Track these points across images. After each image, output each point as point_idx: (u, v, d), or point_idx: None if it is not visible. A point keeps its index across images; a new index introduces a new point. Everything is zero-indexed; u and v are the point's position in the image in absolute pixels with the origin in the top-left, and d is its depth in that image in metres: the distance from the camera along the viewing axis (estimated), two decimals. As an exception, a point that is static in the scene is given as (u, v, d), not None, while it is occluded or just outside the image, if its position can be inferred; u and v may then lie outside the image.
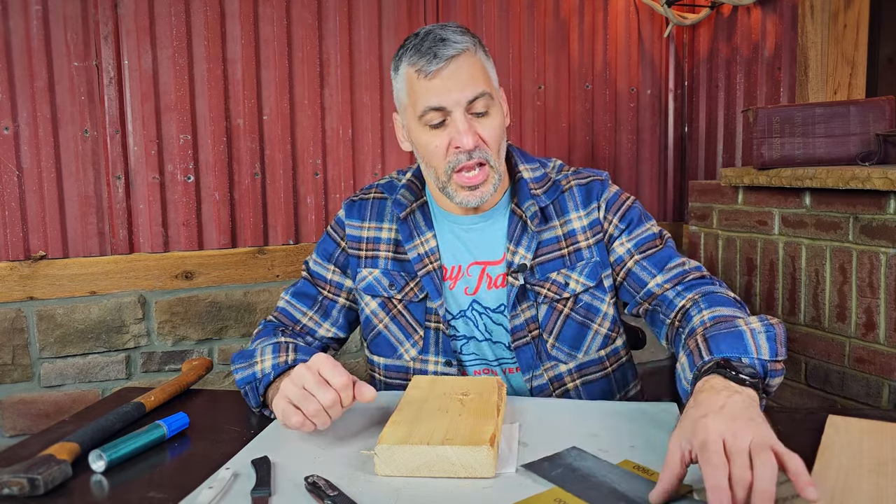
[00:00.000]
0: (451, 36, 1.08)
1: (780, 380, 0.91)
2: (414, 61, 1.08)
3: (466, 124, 1.08)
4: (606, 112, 2.37)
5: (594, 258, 1.18)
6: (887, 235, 1.56)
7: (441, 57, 1.06)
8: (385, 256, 1.23)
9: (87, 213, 1.84)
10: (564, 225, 1.19)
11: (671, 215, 2.51)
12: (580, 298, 1.18)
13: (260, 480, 0.81)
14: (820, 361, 1.76)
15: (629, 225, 1.19)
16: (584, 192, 1.21)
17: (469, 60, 1.09)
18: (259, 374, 1.05)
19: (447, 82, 1.07)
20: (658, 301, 1.13)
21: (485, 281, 1.19)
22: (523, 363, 1.18)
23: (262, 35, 1.96)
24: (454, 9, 2.15)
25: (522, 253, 1.16)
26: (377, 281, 1.22)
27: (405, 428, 0.87)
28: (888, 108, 1.72)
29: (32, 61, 1.75)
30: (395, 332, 1.22)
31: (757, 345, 0.89)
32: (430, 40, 1.08)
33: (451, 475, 0.81)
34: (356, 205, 1.28)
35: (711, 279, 1.12)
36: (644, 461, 0.84)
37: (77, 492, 0.82)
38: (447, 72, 1.07)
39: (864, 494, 0.74)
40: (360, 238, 1.25)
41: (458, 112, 1.08)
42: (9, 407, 1.80)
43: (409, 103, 1.12)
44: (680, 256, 1.17)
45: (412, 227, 1.21)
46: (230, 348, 1.99)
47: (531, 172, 1.22)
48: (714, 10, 2.33)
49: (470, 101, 1.08)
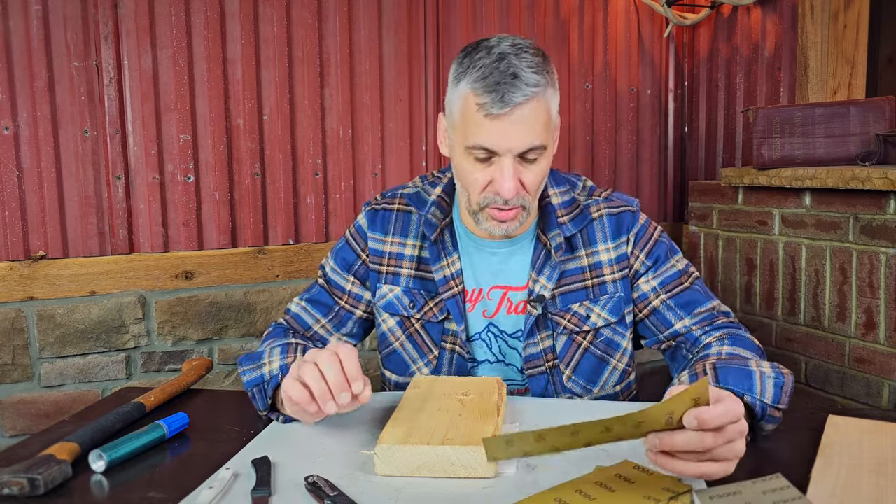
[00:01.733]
0: (525, 74, 0.99)
1: (774, 426, 0.92)
2: (478, 91, 1.00)
3: (512, 171, 1.02)
4: (606, 112, 2.37)
5: (618, 293, 1.16)
6: (887, 235, 1.56)
7: (508, 102, 0.98)
8: (407, 274, 1.19)
9: (87, 213, 1.84)
10: (591, 256, 1.16)
11: (671, 215, 2.51)
12: (601, 333, 1.16)
13: (260, 480, 0.81)
14: (820, 361, 1.76)
15: (656, 262, 1.16)
16: (614, 223, 1.17)
17: (535, 108, 1.00)
18: (267, 377, 1.02)
19: (506, 129, 1.00)
20: (683, 339, 1.13)
21: (505, 305, 1.17)
22: (535, 391, 1.16)
23: (262, 35, 1.96)
24: (454, 9, 2.15)
25: (543, 282, 1.14)
26: (398, 300, 1.19)
27: (405, 428, 0.87)
28: (888, 108, 1.72)
29: (32, 61, 1.75)
30: (409, 350, 1.21)
31: (763, 387, 0.90)
32: (501, 74, 0.99)
33: (451, 475, 0.81)
34: (379, 215, 1.22)
35: (738, 324, 1.12)
36: (646, 462, 0.84)
37: (77, 492, 0.82)
38: (511, 119, 0.99)
39: (864, 494, 0.74)
40: (382, 252, 1.21)
41: (508, 158, 1.02)
42: (9, 407, 1.80)
43: (461, 127, 1.04)
44: (709, 299, 1.14)
45: (440, 248, 1.17)
46: (230, 348, 1.99)
47: (559, 197, 1.18)
48: (714, 10, 2.33)
49: (522, 152, 1.02)
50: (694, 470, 0.74)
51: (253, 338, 2.00)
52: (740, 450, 0.76)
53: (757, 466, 0.83)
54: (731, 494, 0.73)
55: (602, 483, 0.77)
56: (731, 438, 0.74)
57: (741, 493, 0.73)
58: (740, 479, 0.76)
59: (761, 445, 0.90)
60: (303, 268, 2.03)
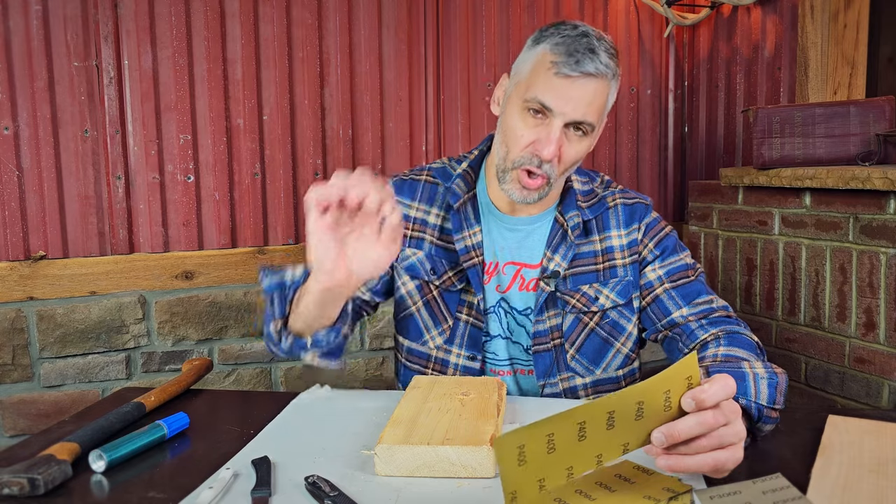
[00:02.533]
0: (602, 54, 1.07)
1: (772, 427, 0.92)
2: (557, 51, 1.07)
3: (558, 135, 1.07)
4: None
5: (628, 277, 1.19)
6: (887, 235, 1.56)
7: (581, 68, 1.05)
8: (430, 241, 1.22)
9: (87, 213, 1.84)
10: (604, 241, 1.20)
11: (671, 215, 2.51)
12: (608, 314, 1.19)
13: (260, 480, 0.81)
14: (820, 361, 1.76)
15: (663, 252, 1.20)
16: (628, 212, 1.22)
17: (600, 87, 1.08)
18: (289, 281, 1.04)
19: (569, 92, 1.06)
20: (680, 331, 1.14)
21: (517, 282, 1.20)
22: (540, 369, 1.18)
23: (262, 35, 1.96)
24: (454, 9, 2.15)
25: (558, 261, 1.17)
26: (420, 263, 1.22)
27: (405, 428, 0.87)
28: (888, 108, 1.72)
29: (32, 61, 1.75)
30: (425, 317, 1.23)
31: (757, 389, 0.91)
32: (582, 44, 1.06)
33: (452, 475, 0.81)
34: (406, 183, 1.26)
35: (737, 320, 1.13)
36: (646, 462, 0.84)
37: (77, 492, 0.82)
38: (577, 84, 1.06)
39: (864, 494, 0.74)
40: (408, 217, 1.24)
41: (559, 121, 1.07)
42: (9, 407, 1.80)
43: (527, 82, 1.09)
44: (709, 293, 1.17)
45: (462, 218, 1.20)
46: (230, 348, 1.99)
47: (581, 185, 1.23)
48: (714, 10, 2.33)
49: (575, 121, 1.07)
50: (704, 460, 0.73)
51: (253, 338, 2.00)
52: (741, 430, 0.75)
53: (757, 466, 0.83)
54: (731, 494, 0.73)
55: (602, 483, 0.77)
56: (728, 418, 0.74)
57: (741, 493, 0.73)
58: (740, 479, 0.76)
59: (761, 446, 0.90)
60: (303, 268, 2.03)
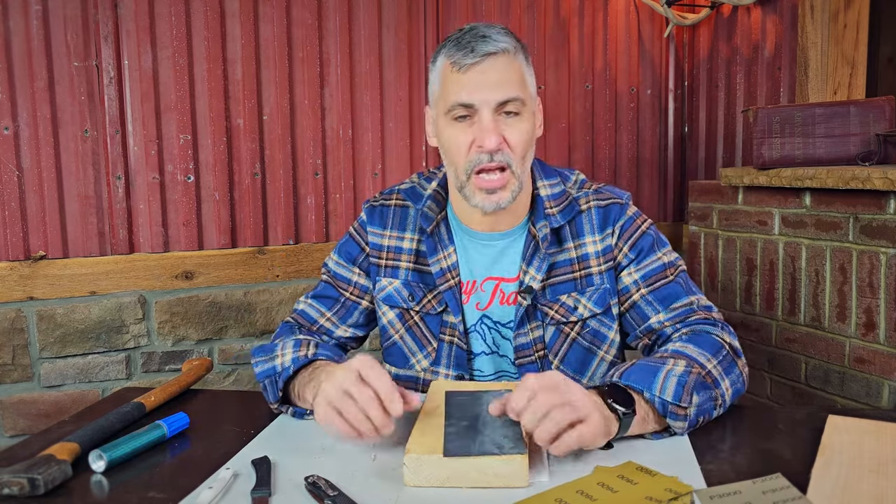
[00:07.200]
0: (494, 35, 1.06)
1: (684, 425, 0.92)
2: (451, 53, 1.07)
3: (492, 123, 1.05)
4: (606, 112, 2.37)
5: (604, 285, 1.17)
6: (887, 235, 1.56)
7: (478, 52, 1.04)
8: (406, 267, 1.21)
9: (87, 213, 1.83)
10: (579, 248, 1.17)
11: (671, 215, 2.51)
12: (587, 324, 1.17)
13: (260, 480, 0.81)
14: (820, 361, 1.76)
15: (639, 254, 1.16)
16: (601, 214, 1.18)
17: (506, 61, 1.06)
18: (279, 368, 1.04)
19: (479, 78, 1.05)
20: (657, 336, 1.12)
21: (498, 296, 1.18)
22: None
23: (262, 35, 1.96)
24: (454, 9, 2.15)
25: (533, 273, 1.15)
26: (397, 292, 1.21)
27: (434, 437, 0.84)
28: (888, 108, 1.71)
29: (32, 61, 1.75)
30: (409, 343, 1.22)
31: (664, 385, 0.91)
32: (471, 35, 1.06)
33: (484, 485, 0.78)
34: (377, 210, 1.25)
35: (714, 320, 1.09)
36: (648, 462, 0.84)
37: (77, 492, 0.82)
38: (481, 67, 1.05)
39: (864, 494, 0.74)
40: (381, 246, 1.23)
41: (486, 111, 1.05)
42: (9, 407, 1.80)
43: (441, 95, 1.10)
44: (689, 294, 1.13)
45: (437, 240, 1.19)
46: (230, 348, 1.99)
47: (549, 189, 1.19)
48: (714, 10, 2.33)
49: (500, 102, 1.05)
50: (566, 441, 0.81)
51: (253, 338, 2.00)
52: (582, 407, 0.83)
53: (757, 466, 0.83)
54: (731, 494, 0.73)
55: (603, 483, 0.77)
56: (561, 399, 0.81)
57: (741, 493, 0.73)
58: (740, 479, 0.76)
59: (761, 446, 0.90)
60: (303, 268, 2.03)
